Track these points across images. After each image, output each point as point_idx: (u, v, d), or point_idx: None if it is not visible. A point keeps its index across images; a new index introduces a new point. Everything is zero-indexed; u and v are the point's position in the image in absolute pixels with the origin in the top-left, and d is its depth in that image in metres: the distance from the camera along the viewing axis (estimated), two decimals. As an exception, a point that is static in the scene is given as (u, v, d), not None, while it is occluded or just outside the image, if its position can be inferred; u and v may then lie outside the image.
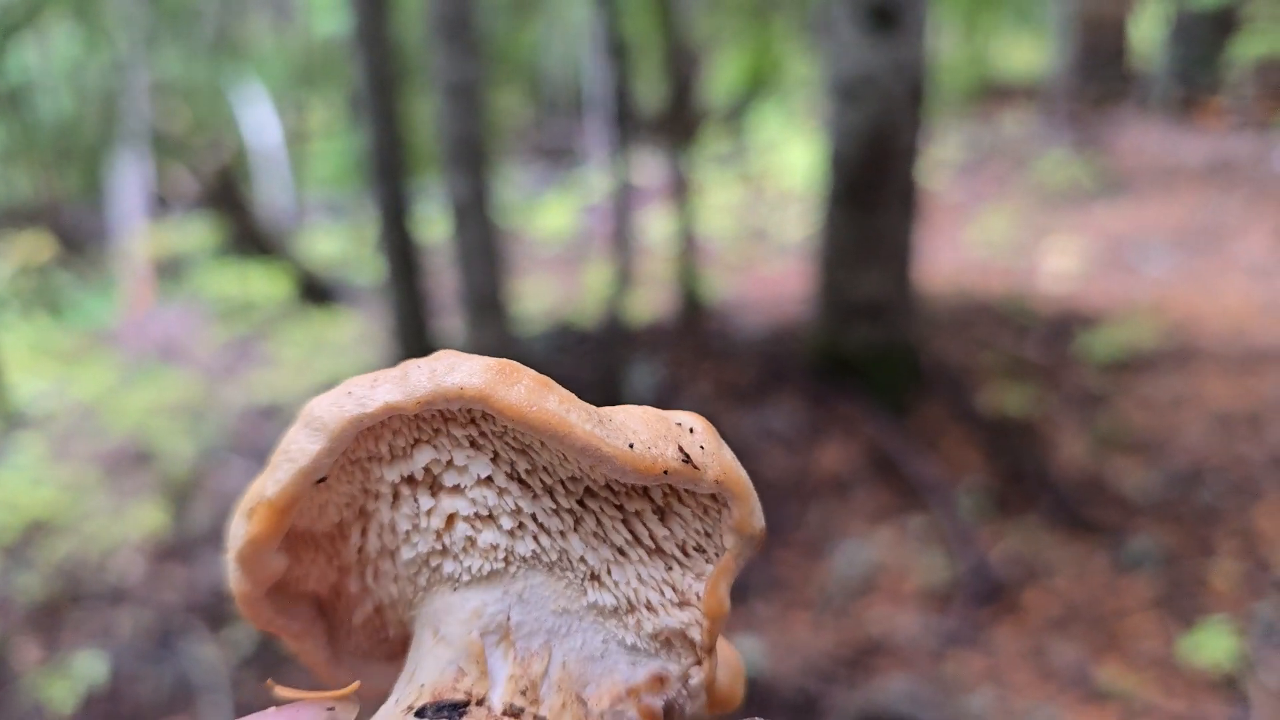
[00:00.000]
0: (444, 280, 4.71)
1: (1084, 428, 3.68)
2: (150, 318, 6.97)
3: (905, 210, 3.88)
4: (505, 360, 0.39)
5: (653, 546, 0.44)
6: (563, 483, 0.43)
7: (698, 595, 0.43)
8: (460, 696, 0.40)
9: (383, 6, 4.03)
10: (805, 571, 3.09)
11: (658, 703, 0.43)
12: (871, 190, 3.80)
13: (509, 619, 0.42)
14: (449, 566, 0.44)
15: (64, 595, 3.39)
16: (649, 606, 0.43)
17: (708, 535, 0.43)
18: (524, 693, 0.40)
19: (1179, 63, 8.33)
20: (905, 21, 3.63)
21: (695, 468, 0.40)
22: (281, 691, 0.41)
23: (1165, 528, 3.11)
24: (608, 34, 4.27)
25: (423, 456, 0.43)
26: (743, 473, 0.41)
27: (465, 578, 0.44)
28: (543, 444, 0.41)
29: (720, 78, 10.49)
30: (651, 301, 5.35)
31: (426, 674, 0.42)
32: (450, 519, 0.44)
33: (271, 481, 0.41)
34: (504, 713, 0.40)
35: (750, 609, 2.93)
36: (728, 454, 0.41)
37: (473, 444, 0.43)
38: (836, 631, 2.82)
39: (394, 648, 0.50)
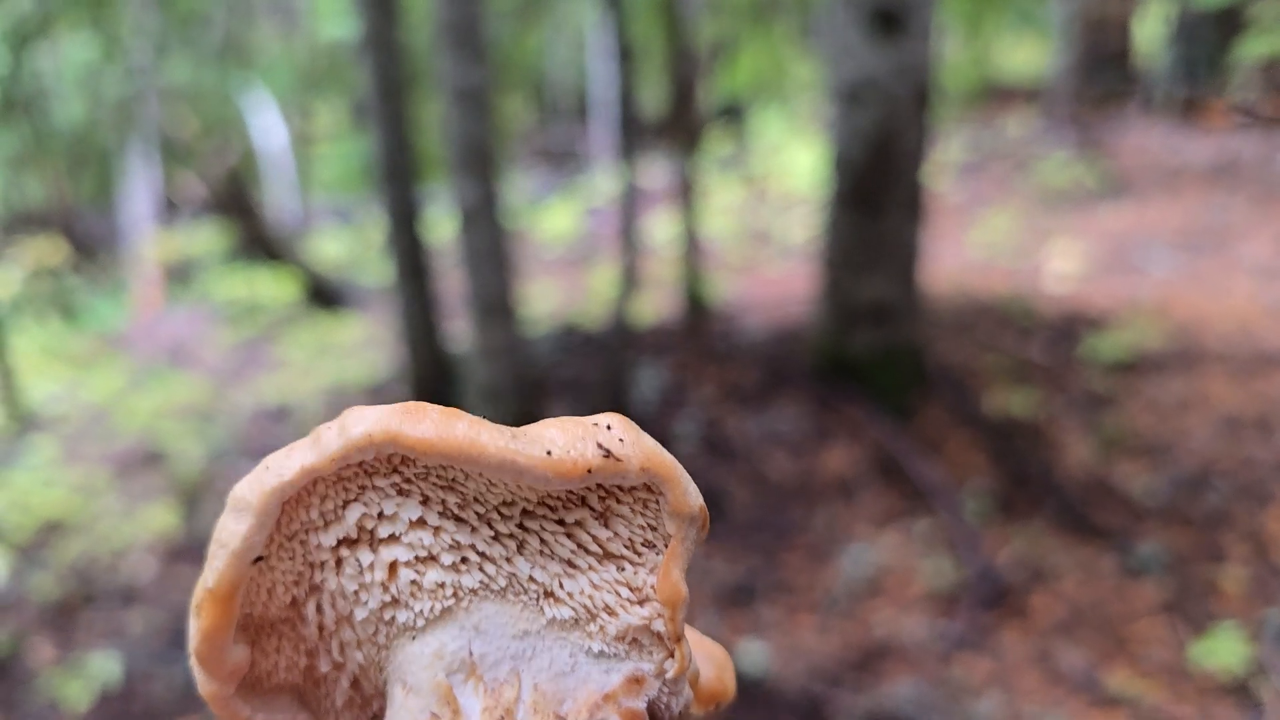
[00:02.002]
0: (450, 283, 4.74)
1: (1089, 430, 3.68)
2: (160, 321, 7.03)
3: (910, 213, 3.89)
4: (411, 402, 0.40)
5: (600, 552, 0.43)
6: (497, 509, 0.43)
7: (653, 588, 0.43)
8: None
9: (391, 12, 4.07)
10: (810, 575, 3.10)
11: (639, 704, 0.42)
12: (876, 193, 3.82)
13: (471, 653, 0.42)
14: (402, 615, 0.44)
15: (77, 595, 3.42)
16: (608, 610, 0.43)
17: (653, 529, 0.43)
18: None
19: (1183, 63, 8.31)
20: (910, 25, 3.64)
21: (618, 460, 0.40)
22: None
23: (1173, 531, 3.10)
24: (616, 38, 4.29)
25: (353, 514, 0.43)
26: (668, 456, 0.41)
27: (420, 623, 0.44)
28: (467, 475, 0.42)
29: (723, 81, 10.52)
30: (656, 303, 5.36)
31: None
32: (392, 567, 0.44)
33: (210, 572, 0.41)
34: None
35: (756, 612, 2.94)
36: (649, 441, 0.41)
37: (399, 491, 0.43)
38: (842, 635, 2.82)
39: None
